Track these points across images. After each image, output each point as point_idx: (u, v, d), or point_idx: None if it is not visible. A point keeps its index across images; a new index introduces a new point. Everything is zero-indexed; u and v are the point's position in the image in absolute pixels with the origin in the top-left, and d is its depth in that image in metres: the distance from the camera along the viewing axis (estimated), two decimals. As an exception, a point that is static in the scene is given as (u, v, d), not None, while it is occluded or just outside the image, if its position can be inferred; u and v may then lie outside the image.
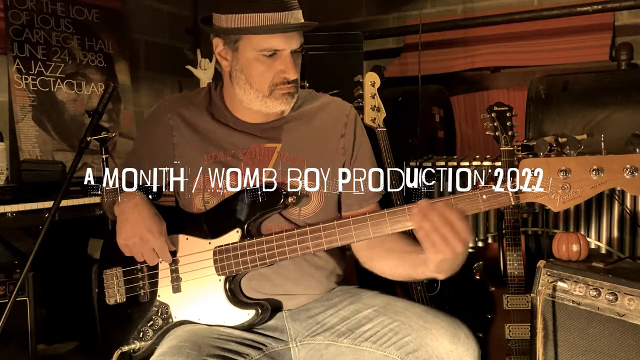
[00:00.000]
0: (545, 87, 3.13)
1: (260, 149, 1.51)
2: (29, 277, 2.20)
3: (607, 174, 1.16)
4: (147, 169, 1.60)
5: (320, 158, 1.52)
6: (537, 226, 2.65)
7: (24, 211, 2.30)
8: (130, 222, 1.46)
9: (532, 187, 1.21)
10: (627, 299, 1.59)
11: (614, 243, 2.54)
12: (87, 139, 2.03)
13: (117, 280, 1.55)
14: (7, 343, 2.14)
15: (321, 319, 1.48)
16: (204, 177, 1.50)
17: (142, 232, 1.43)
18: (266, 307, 1.43)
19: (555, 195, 1.19)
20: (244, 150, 1.51)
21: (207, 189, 1.50)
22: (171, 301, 1.48)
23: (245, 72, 1.45)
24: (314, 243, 1.37)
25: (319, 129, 1.55)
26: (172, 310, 1.47)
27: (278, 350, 1.44)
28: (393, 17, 4.46)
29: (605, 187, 1.17)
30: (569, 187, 1.18)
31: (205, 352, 1.28)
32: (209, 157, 1.51)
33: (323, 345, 1.44)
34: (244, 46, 1.43)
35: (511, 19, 3.70)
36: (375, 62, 4.34)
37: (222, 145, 1.52)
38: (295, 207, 1.47)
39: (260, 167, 1.49)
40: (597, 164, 1.16)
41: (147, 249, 1.44)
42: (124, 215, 1.48)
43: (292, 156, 1.51)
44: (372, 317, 1.42)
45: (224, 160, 1.50)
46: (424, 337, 1.31)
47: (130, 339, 1.49)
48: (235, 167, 1.49)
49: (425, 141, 3.18)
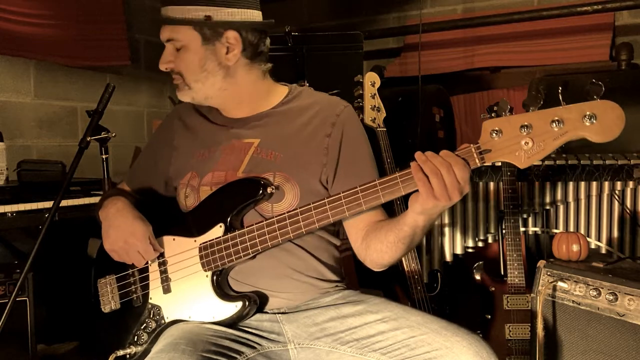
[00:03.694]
0: (545, 87, 3.13)
1: (238, 144, 1.52)
2: (29, 277, 2.19)
3: (568, 124, 1.16)
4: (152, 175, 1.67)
5: (298, 156, 1.48)
6: (537, 226, 2.65)
7: (23, 211, 2.30)
8: (113, 227, 1.48)
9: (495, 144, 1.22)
10: (627, 299, 1.59)
11: (614, 243, 2.54)
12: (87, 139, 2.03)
13: (111, 287, 1.57)
14: (7, 343, 2.13)
15: (320, 322, 1.45)
16: (190, 174, 1.54)
17: (125, 236, 1.46)
18: (254, 299, 1.43)
19: (520, 152, 1.19)
20: (224, 146, 1.53)
21: (189, 184, 1.53)
22: (162, 302, 1.49)
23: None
24: (292, 227, 1.36)
25: (302, 126, 1.52)
26: (163, 312, 1.48)
27: (275, 350, 1.43)
28: (393, 17, 4.46)
29: (568, 137, 1.16)
30: (532, 142, 1.18)
31: (200, 348, 1.28)
32: (198, 155, 1.56)
33: (324, 351, 1.42)
34: None
35: (511, 19, 3.71)
36: (375, 62, 4.34)
37: (207, 143, 1.56)
38: (267, 203, 1.45)
39: (235, 163, 1.50)
40: (557, 116, 1.16)
41: (132, 251, 1.46)
42: (108, 221, 1.51)
43: (268, 152, 1.49)
44: (384, 330, 1.36)
45: (207, 157, 1.54)
46: (444, 355, 1.25)
47: (126, 344, 1.50)
48: (214, 163, 1.52)
49: (425, 141, 3.18)
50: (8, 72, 3.13)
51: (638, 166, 2.49)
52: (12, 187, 2.45)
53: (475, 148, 1.24)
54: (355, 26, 4.25)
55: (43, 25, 3.19)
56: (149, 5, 3.92)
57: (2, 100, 3.08)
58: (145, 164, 1.71)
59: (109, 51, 3.58)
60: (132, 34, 3.76)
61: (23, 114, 3.21)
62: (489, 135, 1.22)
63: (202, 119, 1.61)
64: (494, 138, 1.21)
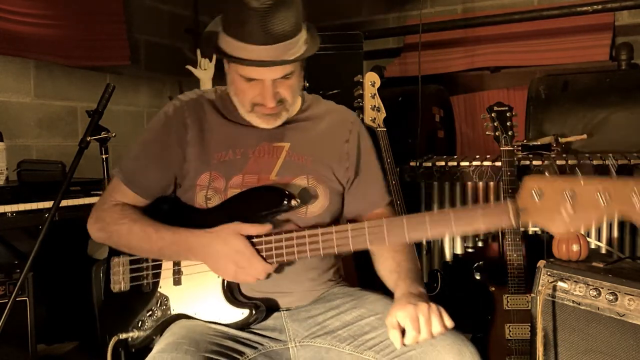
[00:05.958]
0: (545, 87, 3.13)
1: (269, 148, 1.51)
2: (29, 277, 2.19)
3: (616, 200, 1.03)
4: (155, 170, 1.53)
5: (326, 159, 1.54)
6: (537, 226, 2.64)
7: (24, 211, 2.30)
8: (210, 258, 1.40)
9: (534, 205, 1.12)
10: (627, 299, 1.59)
11: (614, 243, 2.54)
12: (87, 139, 2.03)
13: (123, 268, 1.54)
14: (7, 343, 2.13)
15: (321, 320, 1.47)
16: (210, 174, 1.49)
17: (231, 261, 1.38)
18: (262, 309, 1.43)
19: (558, 219, 1.10)
20: (252, 149, 1.51)
21: (211, 186, 1.49)
22: (171, 294, 1.48)
23: (232, 86, 1.49)
24: (324, 245, 1.36)
25: (325, 131, 1.57)
26: (171, 303, 1.48)
27: (276, 349, 1.44)
28: (393, 17, 4.46)
29: (613, 213, 1.04)
30: (573, 211, 1.07)
31: (202, 348, 1.28)
32: (219, 155, 1.50)
33: (324, 348, 1.43)
34: (229, 65, 1.47)
35: (511, 19, 3.71)
36: (375, 62, 4.34)
37: (232, 143, 1.51)
38: (302, 205, 1.47)
39: (268, 166, 1.50)
40: (605, 188, 1.03)
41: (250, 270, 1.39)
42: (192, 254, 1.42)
43: (299, 155, 1.52)
44: (377, 326, 1.40)
45: (232, 159, 1.50)
46: (428, 352, 1.28)
47: (129, 328, 1.50)
48: (244, 166, 1.49)
49: (425, 141, 3.18)
50: (8, 72, 3.13)
51: (638, 166, 2.49)
52: (12, 187, 2.45)
53: (512, 205, 1.16)
54: (355, 26, 4.25)
55: (43, 25, 3.19)
56: (149, 5, 3.93)
57: (2, 100, 3.08)
58: (148, 163, 1.54)
59: (109, 51, 3.58)
60: (132, 34, 3.76)
61: (23, 114, 3.21)
62: (530, 194, 1.12)
63: (221, 118, 1.54)
64: (534, 198, 1.11)
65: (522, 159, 2.62)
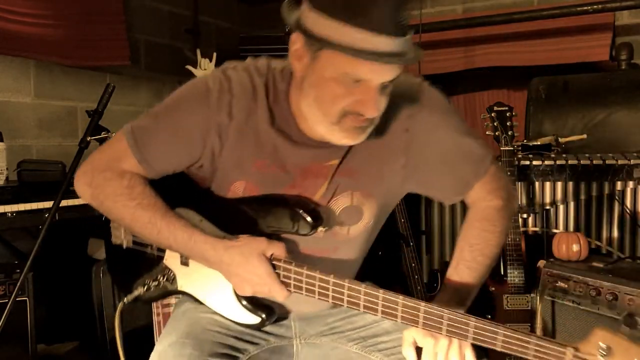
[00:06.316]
0: (545, 87, 3.13)
1: (317, 168, 1.29)
2: (29, 277, 2.19)
3: None
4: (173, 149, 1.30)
5: (376, 165, 1.32)
6: (537, 226, 2.65)
7: (24, 211, 2.30)
8: (232, 276, 1.27)
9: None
10: (627, 299, 1.59)
11: (614, 243, 2.54)
12: (87, 139, 2.03)
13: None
14: (7, 343, 2.13)
15: (331, 321, 1.44)
16: (244, 184, 1.30)
17: (249, 283, 1.26)
18: (274, 316, 1.36)
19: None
20: (299, 168, 1.29)
21: (242, 194, 1.32)
22: (178, 270, 1.43)
23: (317, 90, 1.17)
24: (349, 300, 1.19)
25: (378, 128, 1.27)
26: (178, 280, 1.43)
27: (279, 345, 1.41)
28: (393, 17, 4.45)
29: None
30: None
31: (207, 351, 1.27)
32: (258, 164, 1.29)
33: (329, 346, 1.40)
34: (325, 60, 1.13)
35: (511, 19, 3.70)
36: (375, 62, 4.33)
37: (276, 156, 1.28)
38: (343, 225, 1.33)
39: (311, 188, 1.31)
40: None
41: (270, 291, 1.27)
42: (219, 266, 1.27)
43: (347, 171, 1.30)
44: (391, 331, 1.35)
45: (273, 173, 1.29)
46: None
47: (133, 289, 1.48)
48: (284, 184, 1.30)
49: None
50: (8, 72, 3.13)
51: (638, 166, 2.49)
52: (12, 187, 2.45)
53: (573, 354, 1.03)
54: (355, 26, 4.24)
55: (43, 25, 3.19)
56: (149, 5, 3.92)
57: (2, 100, 3.07)
58: (171, 142, 1.29)
59: (109, 51, 3.58)
60: (132, 34, 3.76)
61: (23, 114, 3.21)
62: (596, 349, 1.00)
63: (267, 117, 1.27)
64: (600, 355, 0.99)
65: (522, 159, 2.62)
